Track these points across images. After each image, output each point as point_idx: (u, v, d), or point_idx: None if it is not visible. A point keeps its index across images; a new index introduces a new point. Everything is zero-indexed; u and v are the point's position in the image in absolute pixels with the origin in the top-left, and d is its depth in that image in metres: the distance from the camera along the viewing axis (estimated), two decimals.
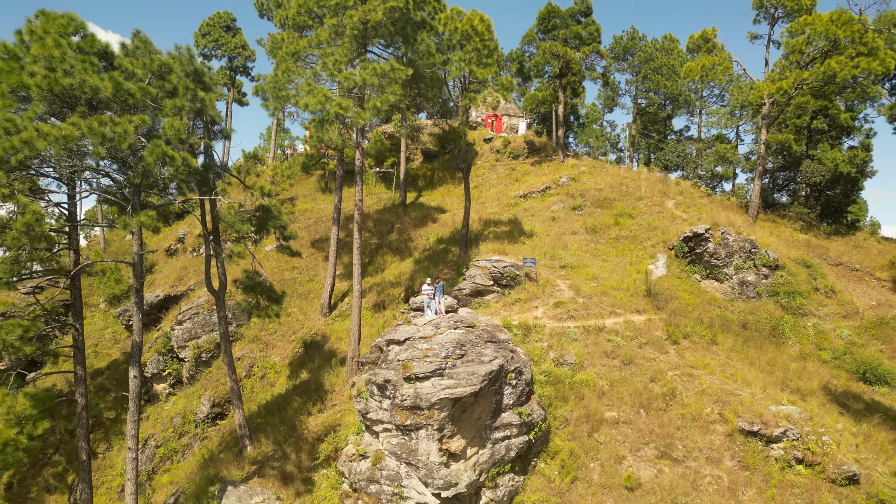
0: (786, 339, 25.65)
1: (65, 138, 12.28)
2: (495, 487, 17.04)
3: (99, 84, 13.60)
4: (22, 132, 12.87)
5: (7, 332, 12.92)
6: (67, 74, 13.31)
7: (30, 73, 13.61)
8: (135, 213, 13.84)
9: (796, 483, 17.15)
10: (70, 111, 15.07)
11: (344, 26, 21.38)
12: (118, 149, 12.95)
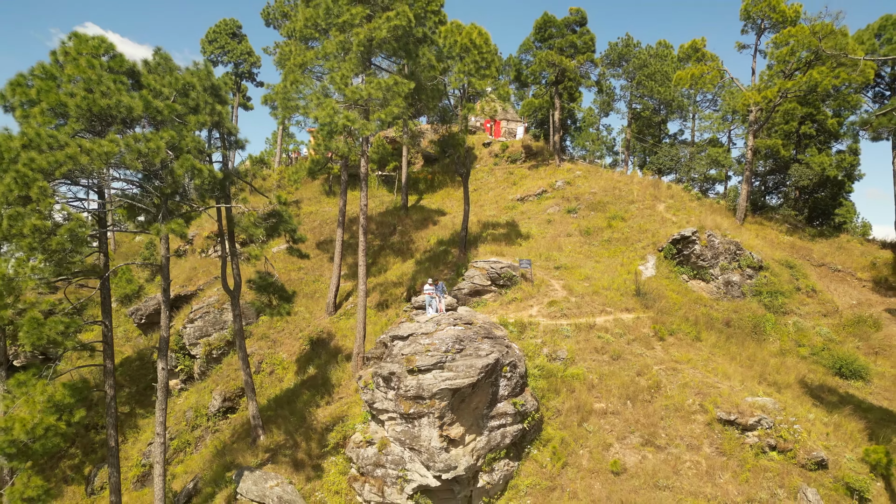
0: (767, 336, 27.08)
1: (106, 154, 13.69)
2: (491, 471, 18.46)
3: (132, 104, 15.01)
4: (65, 148, 14.29)
5: (50, 327, 14.34)
6: (105, 95, 14.72)
7: (70, 94, 15.02)
8: (165, 221, 15.23)
9: (769, 468, 18.57)
10: (101, 126, 16.50)
11: (350, 42, 22.78)
12: (151, 162, 14.37)
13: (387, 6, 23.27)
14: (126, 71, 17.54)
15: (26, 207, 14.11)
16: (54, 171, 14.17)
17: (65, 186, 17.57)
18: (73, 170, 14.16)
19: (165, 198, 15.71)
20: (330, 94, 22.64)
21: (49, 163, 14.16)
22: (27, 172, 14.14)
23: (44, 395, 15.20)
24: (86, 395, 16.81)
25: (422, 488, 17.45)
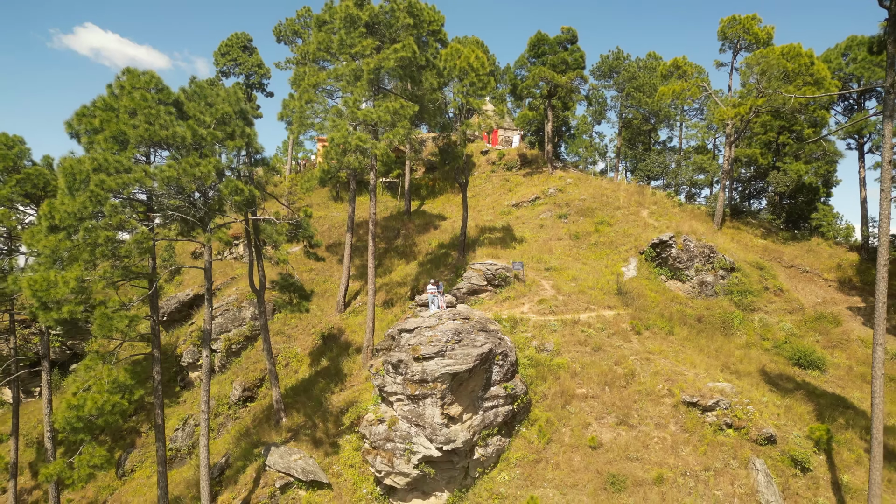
0: (735, 330, 29.96)
1: (168, 178, 16.55)
2: (486, 445, 21.35)
3: (184, 133, 17.88)
4: (132, 172, 17.18)
5: (119, 321, 17.19)
6: (163, 127, 17.58)
7: (133, 126, 17.88)
8: (214, 232, 18.11)
9: (724, 442, 21.44)
10: (152, 150, 19.40)
11: (362, 70, 25.65)
12: (203, 184, 17.22)
13: (394, 38, 26.15)
14: (172, 102, 20.44)
15: (100, 221, 16.99)
16: (122, 191, 17.04)
17: (116, 199, 20.51)
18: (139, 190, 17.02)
19: (211, 212, 18.59)
20: (343, 116, 25.48)
21: (118, 184, 17.03)
22: (99, 192, 17.02)
23: (109, 377, 18.08)
24: (143, 378, 19.68)
25: (426, 459, 20.32)
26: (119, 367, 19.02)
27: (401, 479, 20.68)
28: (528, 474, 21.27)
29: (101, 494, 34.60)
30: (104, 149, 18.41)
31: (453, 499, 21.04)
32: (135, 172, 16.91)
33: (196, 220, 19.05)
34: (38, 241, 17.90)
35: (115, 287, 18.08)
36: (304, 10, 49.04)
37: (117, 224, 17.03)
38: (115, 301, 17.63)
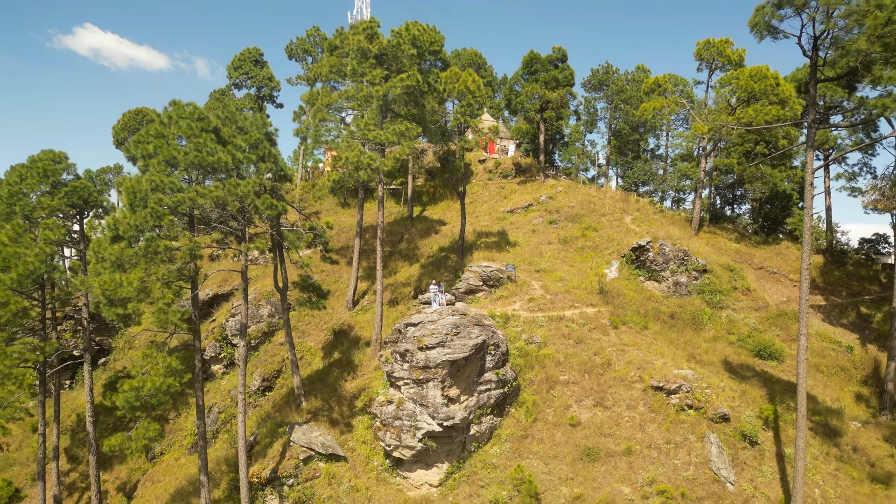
0: (703, 326, 33.36)
1: (215, 197, 19.92)
2: (480, 423, 24.74)
3: (227, 159, 21.27)
4: (185, 191, 20.58)
5: (174, 314, 20.57)
6: (210, 154, 20.97)
7: (184, 152, 21.27)
8: (251, 241, 21.48)
9: (685, 420, 24.82)
10: (198, 172, 22.80)
11: (372, 97, 29.05)
12: (243, 201, 20.60)
13: (400, 68, 29.52)
14: (212, 129, 23.83)
15: (159, 233, 20.39)
16: (177, 208, 20.45)
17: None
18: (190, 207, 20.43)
19: (247, 223, 21.97)
20: (355, 137, 28.87)
21: (173, 202, 20.44)
22: (158, 209, 20.43)
23: (164, 363, 21.48)
24: (191, 364, 23.09)
25: (428, 434, 23.70)
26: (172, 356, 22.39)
27: (407, 451, 24.08)
28: (517, 448, 24.67)
29: (134, 475, 38.04)
30: (158, 171, 21.83)
31: (452, 469, 24.44)
32: (188, 192, 20.30)
33: (232, 229, 22.43)
34: (104, 249, 21.28)
35: (169, 287, 21.45)
36: (313, 29, 52.46)
37: (173, 235, 20.40)
38: (169, 297, 21.02)
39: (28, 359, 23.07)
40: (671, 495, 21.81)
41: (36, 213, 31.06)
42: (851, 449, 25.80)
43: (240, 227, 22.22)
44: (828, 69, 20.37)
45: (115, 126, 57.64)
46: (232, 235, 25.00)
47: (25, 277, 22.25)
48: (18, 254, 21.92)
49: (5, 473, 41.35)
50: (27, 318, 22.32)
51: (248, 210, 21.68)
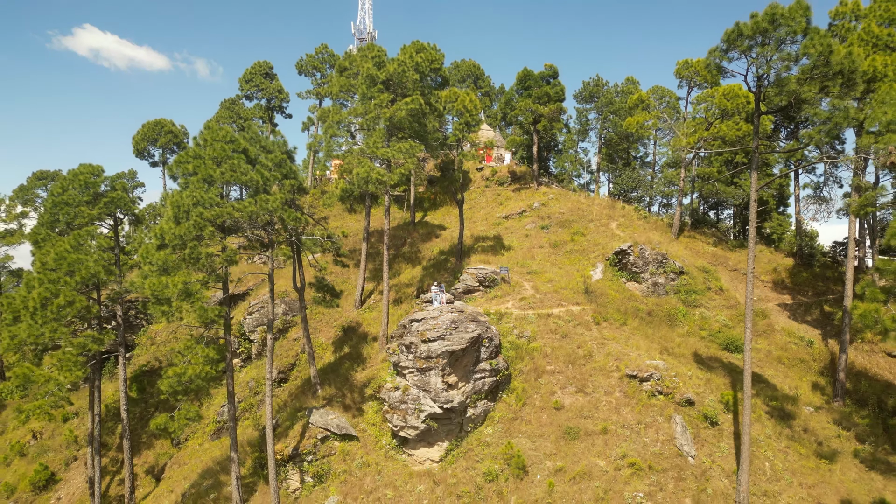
0: (678, 322, 36.70)
1: (250, 212, 23.25)
2: (475, 407, 28.08)
3: (257, 177, 24.61)
4: (223, 206, 23.92)
5: (213, 311, 23.90)
6: (243, 174, 24.31)
7: (221, 172, 24.62)
8: (276, 248, 24.80)
9: (655, 404, 28.14)
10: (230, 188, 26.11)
11: (379, 118, 32.41)
12: (272, 215, 23.94)
13: (405, 93, 32.86)
14: (241, 150, 27.18)
15: (201, 242, 23.76)
16: (216, 220, 23.82)
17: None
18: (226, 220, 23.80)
19: (275, 233, 25.33)
20: (365, 154, 32.23)
21: (213, 215, 23.81)
22: (199, 221, 23.79)
23: (203, 353, 24.83)
24: (225, 354, 26.43)
25: (430, 415, 27.03)
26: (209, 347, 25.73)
27: (412, 431, 27.42)
28: (508, 428, 28.02)
29: (161, 460, 41.37)
30: (197, 188, 25.19)
31: (451, 446, 27.78)
32: (226, 207, 23.65)
33: (259, 237, 25.79)
34: (151, 255, 24.64)
35: (207, 287, 24.78)
36: (321, 46, 55.84)
37: (214, 242, 23.75)
38: (207, 296, 24.34)
39: (90, 349, 26.36)
40: (640, 467, 25.14)
41: (77, 220, 34.42)
42: (802, 430, 29.17)
43: (267, 235, 25.57)
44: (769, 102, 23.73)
45: (136, 136, 61.01)
46: (257, 242, 28.36)
47: (86, 280, 25.55)
48: (80, 259, 25.22)
49: (41, 459, 44.72)
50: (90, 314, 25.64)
51: (276, 221, 25.02)
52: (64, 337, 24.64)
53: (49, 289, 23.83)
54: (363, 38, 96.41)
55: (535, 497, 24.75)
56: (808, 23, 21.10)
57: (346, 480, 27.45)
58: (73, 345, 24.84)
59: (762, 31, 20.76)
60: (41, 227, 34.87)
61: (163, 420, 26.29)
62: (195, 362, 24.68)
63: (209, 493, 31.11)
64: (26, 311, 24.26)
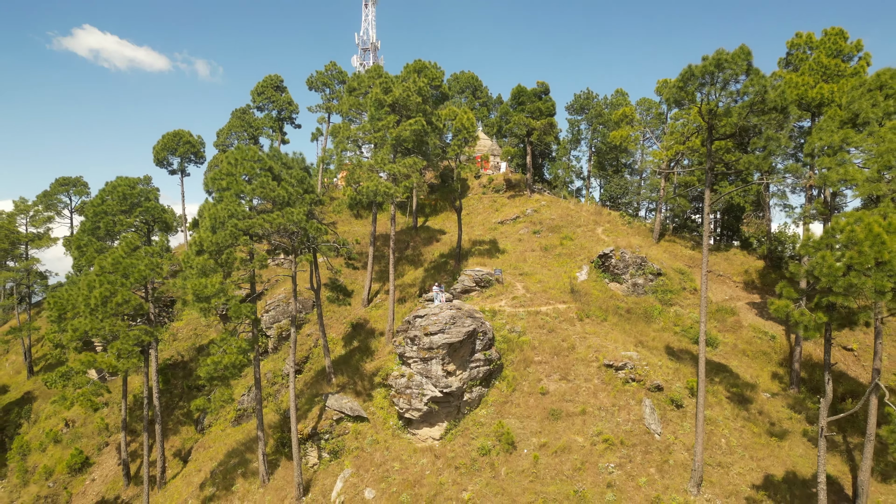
0: (654, 319, 40.55)
1: (278, 223, 27.10)
2: (471, 392, 31.94)
3: (283, 193, 28.48)
4: (253, 218, 27.81)
5: (248, 309, 27.77)
6: (271, 190, 28.18)
7: (252, 189, 28.48)
8: (306, 253, 28.66)
9: (628, 390, 31.98)
10: (259, 202, 29.99)
11: (387, 137, 36.28)
12: (298, 225, 27.81)
13: (409, 115, 36.71)
14: (268, 168, 31.05)
15: (235, 249, 27.65)
16: (248, 230, 27.71)
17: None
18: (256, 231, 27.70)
19: (295, 241, 29.24)
20: (374, 170, 36.08)
21: (245, 226, 27.71)
22: (234, 231, 27.67)
23: (237, 344, 28.70)
24: (254, 345, 30.29)
25: (432, 399, 30.88)
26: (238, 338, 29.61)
27: (415, 413, 31.28)
28: (499, 410, 31.88)
29: (187, 444, 45.19)
30: (231, 202, 29.08)
31: (450, 426, 31.63)
32: (257, 218, 27.52)
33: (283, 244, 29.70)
34: (191, 259, 28.50)
35: (240, 288, 28.64)
36: (331, 64, 59.79)
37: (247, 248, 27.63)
38: (241, 295, 28.21)
39: (143, 340, 30.21)
40: (613, 442, 29.00)
41: (116, 228, 38.31)
42: (758, 412, 33.04)
43: (291, 243, 29.44)
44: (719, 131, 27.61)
45: (156, 146, 64.84)
46: (280, 248, 32.25)
47: (139, 281, 29.39)
48: (133, 264, 29.06)
49: (75, 445, 48.59)
50: (143, 311, 29.56)
51: (299, 231, 28.91)
52: (122, 330, 28.47)
53: (108, 289, 27.69)
54: (366, 47, 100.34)
55: (522, 468, 28.62)
56: (750, 65, 25.00)
57: (359, 455, 31.34)
58: (129, 336, 28.69)
59: (710, 72, 24.67)
60: (83, 234, 38.75)
61: (201, 402, 30.25)
62: (229, 352, 28.54)
63: (237, 469, 34.97)
64: (87, 307, 28.08)
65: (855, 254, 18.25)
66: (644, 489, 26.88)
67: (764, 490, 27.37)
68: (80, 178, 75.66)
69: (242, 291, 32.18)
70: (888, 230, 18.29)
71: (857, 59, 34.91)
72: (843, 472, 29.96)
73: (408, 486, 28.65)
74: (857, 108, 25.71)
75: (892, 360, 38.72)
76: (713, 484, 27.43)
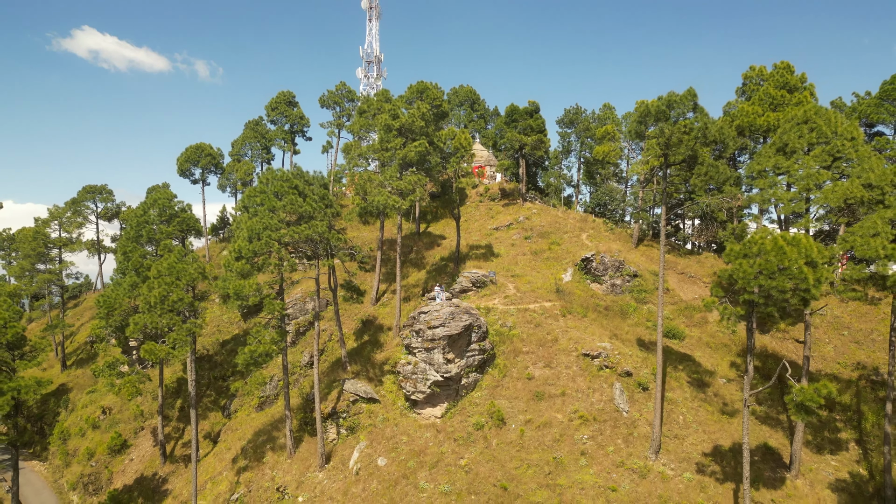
0: (629, 315, 45.66)
1: (304, 235, 32.19)
2: (468, 377, 37.07)
3: (309, 209, 33.61)
4: (285, 230, 32.95)
5: (279, 305, 32.84)
6: (299, 206, 33.29)
7: (283, 206, 33.61)
8: (327, 259, 33.77)
9: (602, 375, 37.07)
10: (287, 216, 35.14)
11: (394, 157, 41.42)
12: (322, 236, 32.91)
13: (414, 138, 41.85)
14: (294, 187, 36.18)
15: (270, 256, 32.79)
16: (280, 240, 32.86)
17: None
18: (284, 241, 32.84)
19: (318, 249, 34.37)
20: (384, 185, 41.21)
21: (277, 237, 32.86)
22: (269, 241, 32.82)
23: (269, 336, 33.82)
24: (284, 336, 35.37)
25: (434, 382, 35.98)
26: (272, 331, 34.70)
27: (420, 395, 36.39)
28: (492, 393, 36.99)
29: (215, 427, 50.26)
30: (264, 216, 34.21)
31: (450, 406, 36.72)
32: (287, 230, 32.66)
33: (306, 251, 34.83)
34: (232, 265, 33.63)
35: (272, 288, 33.75)
36: (340, 84, 65.04)
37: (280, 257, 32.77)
38: (273, 293, 33.34)
39: (193, 332, 35.26)
40: (587, 419, 34.12)
41: (157, 236, 43.44)
42: (713, 394, 38.15)
43: (314, 250, 34.57)
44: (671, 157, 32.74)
45: (179, 158, 70.05)
46: (303, 253, 37.35)
47: (189, 283, 34.51)
48: (184, 268, 34.14)
49: (114, 429, 53.71)
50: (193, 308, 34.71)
51: (322, 240, 34.05)
52: (177, 323, 33.54)
53: (165, 289, 32.78)
54: (370, 60, 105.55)
55: (511, 440, 33.75)
56: (696, 105, 30.20)
57: (372, 431, 36.47)
58: (182, 328, 33.75)
59: (662, 111, 29.82)
60: (127, 241, 43.89)
61: (238, 384, 35.21)
62: (264, 342, 33.65)
63: (265, 445, 40.09)
64: (146, 304, 33.19)
65: (763, 261, 23.39)
66: (611, 456, 32.01)
67: (711, 457, 32.51)
68: (105, 186, 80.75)
69: (272, 290, 37.12)
70: (789, 243, 23.45)
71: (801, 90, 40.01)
72: (784, 445, 35.06)
73: (414, 455, 33.78)
74: (787, 139, 30.82)
75: (837, 352, 43.88)
76: (669, 452, 32.57)
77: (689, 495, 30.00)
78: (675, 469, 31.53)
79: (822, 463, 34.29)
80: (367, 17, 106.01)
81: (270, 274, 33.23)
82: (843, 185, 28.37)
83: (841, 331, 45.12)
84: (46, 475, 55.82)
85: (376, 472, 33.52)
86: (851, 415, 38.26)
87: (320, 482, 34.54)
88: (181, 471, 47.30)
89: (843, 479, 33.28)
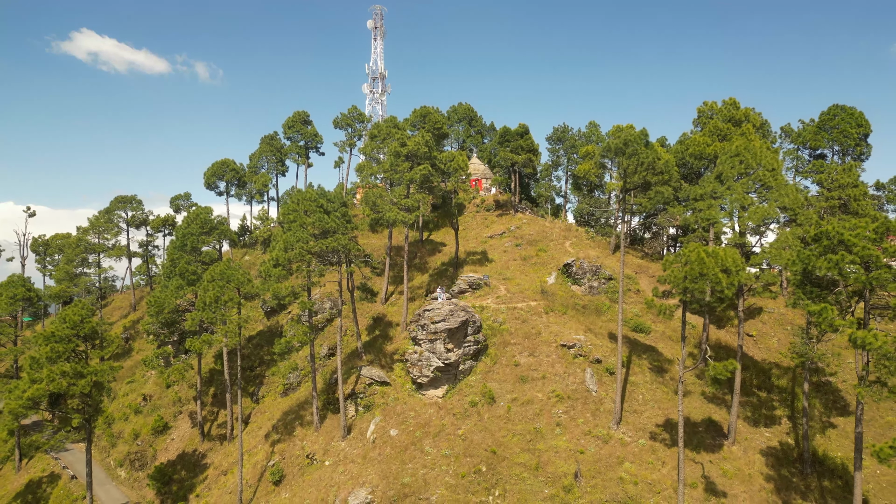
0: (604, 313, 52.55)
1: (330, 247, 39.05)
2: (465, 364, 43.97)
3: (333, 225, 40.52)
4: (309, 242, 39.91)
5: (309, 304, 39.70)
6: (325, 223, 40.20)
7: (312, 223, 40.53)
8: (347, 266, 40.65)
9: (577, 362, 43.93)
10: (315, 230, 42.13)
11: (402, 178, 48.38)
12: (345, 247, 39.80)
13: (419, 161, 48.79)
14: (319, 205, 43.14)
15: (302, 263, 39.76)
16: (310, 250, 39.84)
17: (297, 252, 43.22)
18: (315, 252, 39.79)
19: (341, 258, 41.28)
20: (393, 203, 48.15)
21: (308, 248, 39.84)
22: (302, 252, 39.77)
23: (301, 329, 40.72)
24: (313, 329, 42.29)
25: (437, 368, 42.82)
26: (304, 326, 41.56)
27: (425, 379, 43.27)
28: (484, 377, 43.88)
29: (245, 411, 57.12)
30: (297, 231, 41.17)
31: (450, 388, 43.60)
32: (315, 243, 39.59)
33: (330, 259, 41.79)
34: (270, 271, 40.57)
35: (305, 290, 40.64)
36: (352, 108, 72.13)
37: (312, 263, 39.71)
38: (305, 295, 40.25)
39: (241, 325, 42.34)
40: (562, 397, 41.00)
41: (199, 245, 50.37)
42: (670, 378, 45.02)
43: (338, 259, 41.51)
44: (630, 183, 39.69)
45: (206, 172, 77.04)
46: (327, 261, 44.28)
47: (237, 285, 41.43)
48: (233, 273, 41.03)
49: (156, 413, 60.56)
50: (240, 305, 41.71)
51: (343, 251, 40.97)
52: (229, 318, 40.45)
53: (218, 291, 39.69)
54: (375, 76, 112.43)
55: (499, 414, 40.64)
56: (647, 143, 37.24)
57: (385, 408, 43.37)
58: (233, 322, 40.67)
59: (619, 147, 36.79)
60: (174, 249, 50.84)
61: (274, 369, 42.10)
62: (296, 333, 40.57)
63: (294, 422, 46.99)
64: (202, 303, 40.10)
65: (688, 269, 30.33)
66: (581, 426, 38.91)
67: (663, 427, 39.41)
68: (135, 196, 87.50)
69: (303, 292, 44.07)
70: (709, 255, 30.39)
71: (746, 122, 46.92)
72: (725, 419, 41.90)
73: (420, 427, 40.68)
74: (721, 169, 37.77)
75: (781, 344, 50.83)
76: (628, 423, 39.48)
77: (641, 456, 36.90)
78: (633, 436, 38.42)
79: (758, 434, 41.20)
80: (371, 37, 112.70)
81: (299, 279, 40.05)
82: (762, 208, 35.33)
83: (784, 325, 52.09)
84: (94, 455, 62.57)
85: (389, 441, 40.42)
86: (787, 396, 45.23)
87: (343, 449, 41.46)
88: (217, 447, 54.18)
89: (773, 446, 40.21)
